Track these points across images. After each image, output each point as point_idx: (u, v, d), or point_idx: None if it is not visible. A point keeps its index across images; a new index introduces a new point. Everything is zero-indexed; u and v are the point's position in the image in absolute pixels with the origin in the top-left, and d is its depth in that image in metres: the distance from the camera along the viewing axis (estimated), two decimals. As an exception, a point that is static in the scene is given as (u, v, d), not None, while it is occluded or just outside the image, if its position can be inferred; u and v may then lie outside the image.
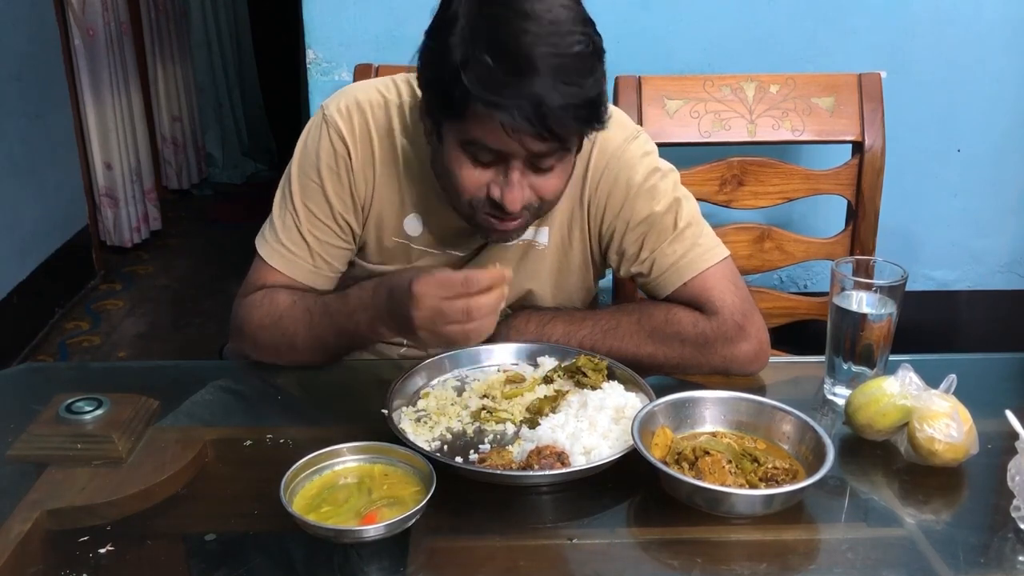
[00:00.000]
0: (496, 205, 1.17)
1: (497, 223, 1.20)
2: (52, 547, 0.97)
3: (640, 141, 1.33)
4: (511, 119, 1.05)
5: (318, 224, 1.30)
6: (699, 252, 1.30)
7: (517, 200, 1.16)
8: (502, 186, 1.15)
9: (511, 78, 1.04)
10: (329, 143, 1.28)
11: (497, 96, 1.05)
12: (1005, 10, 2.19)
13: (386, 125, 1.29)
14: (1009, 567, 0.94)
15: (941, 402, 1.06)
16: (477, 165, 1.15)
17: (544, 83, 1.04)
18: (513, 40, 1.05)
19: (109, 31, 3.54)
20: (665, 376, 1.29)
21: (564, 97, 1.06)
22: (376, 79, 1.36)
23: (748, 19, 2.15)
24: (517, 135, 1.07)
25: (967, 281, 2.46)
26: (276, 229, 1.31)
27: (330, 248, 1.31)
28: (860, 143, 1.83)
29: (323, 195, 1.29)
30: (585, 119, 1.11)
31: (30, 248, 3.10)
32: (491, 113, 1.06)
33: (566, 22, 1.07)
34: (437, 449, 1.09)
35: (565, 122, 1.08)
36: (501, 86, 1.04)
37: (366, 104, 1.30)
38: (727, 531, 0.98)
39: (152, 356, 3.06)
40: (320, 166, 1.29)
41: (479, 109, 1.07)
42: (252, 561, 0.93)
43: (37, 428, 1.12)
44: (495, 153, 1.13)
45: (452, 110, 1.10)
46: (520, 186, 1.15)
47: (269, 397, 1.29)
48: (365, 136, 1.29)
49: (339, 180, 1.29)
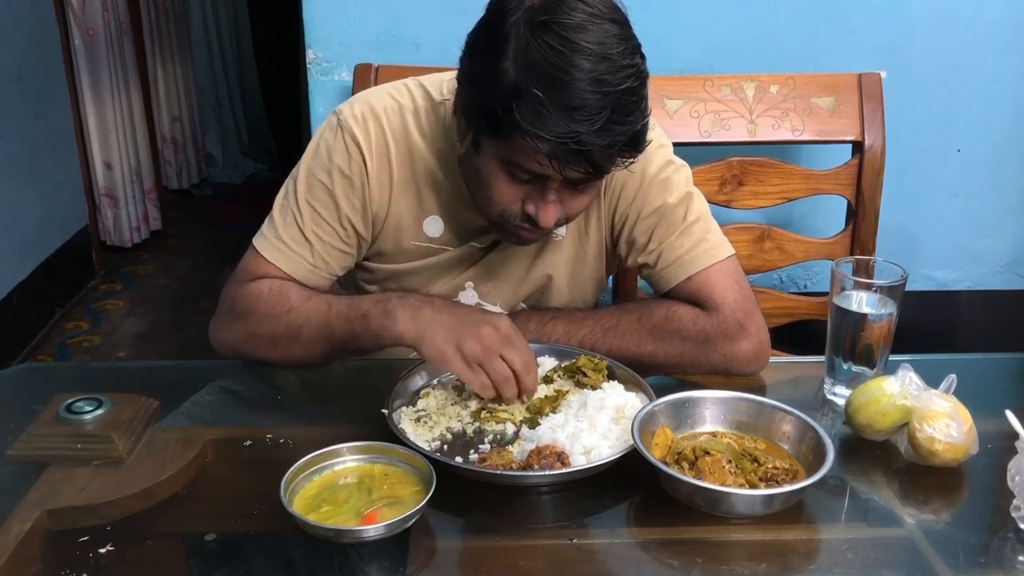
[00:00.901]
0: (529, 219, 1.19)
1: (527, 234, 1.23)
2: (52, 547, 0.97)
3: (656, 133, 1.33)
4: (556, 154, 1.07)
5: (322, 224, 1.29)
6: (706, 248, 1.30)
7: (552, 219, 1.18)
8: (537, 203, 1.17)
9: (560, 116, 1.05)
10: (344, 148, 1.28)
11: (545, 132, 1.05)
12: (1005, 10, 2.18)
13: (402, 130, 1.29)
14: (1009, 567, 0.94)
15: (941, 402, 1.06)
16: (514, 182, 1.17)
17: (593, 124, 1.05)
18: (566, 78, 1.05)
19: (109, 31, 3.54)
20: (665, 376, 1.29)
21: (611, 136, 1.07)
22: (387, 84, 1.35)
23: (748, 19, 2.15)
24: (559, 165, 1.09)
25: (967, 281, 2.46)
26: (276, 226, 1.30)
27: (331, 250, 1.31)
28: (860, 143, 1.83)
29: (331, 197, 1.28)
30: (628, 153, 1.13)
31: (30, 248, 3.10)
32: (536, 145, 1.07)
33: (617, 56, 1.07)
34: (437, 449, 1.09)
35: (609, 158, 1.11)
36: (550, 123, 1.05)
37: (380, 110, 1.29)
38: (727, 531, 0.98)
39: (152, 356, 3.06)
40: (332, 169, 1.28)
41: (525, 140, 1.08)
42: (252, 561, 0.93)
43: (37, 428, 1.12)
44: (534, 176, 1.15)
45: (497, 132, 1.11)
46: (556, 206, 1.18)
47: (269, 397, 1.29)
48: (382, 143, 1.29)
49: (351, 185, 1.28)
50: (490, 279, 1.37)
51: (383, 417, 1.11)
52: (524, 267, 1.36)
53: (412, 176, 1.30)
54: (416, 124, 1.30)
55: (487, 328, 1.13)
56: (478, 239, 1.35)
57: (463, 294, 1.37)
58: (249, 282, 1.29)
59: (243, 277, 1.30)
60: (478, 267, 1.36)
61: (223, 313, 1.31)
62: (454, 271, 1.36)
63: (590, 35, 1.06)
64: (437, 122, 1.29)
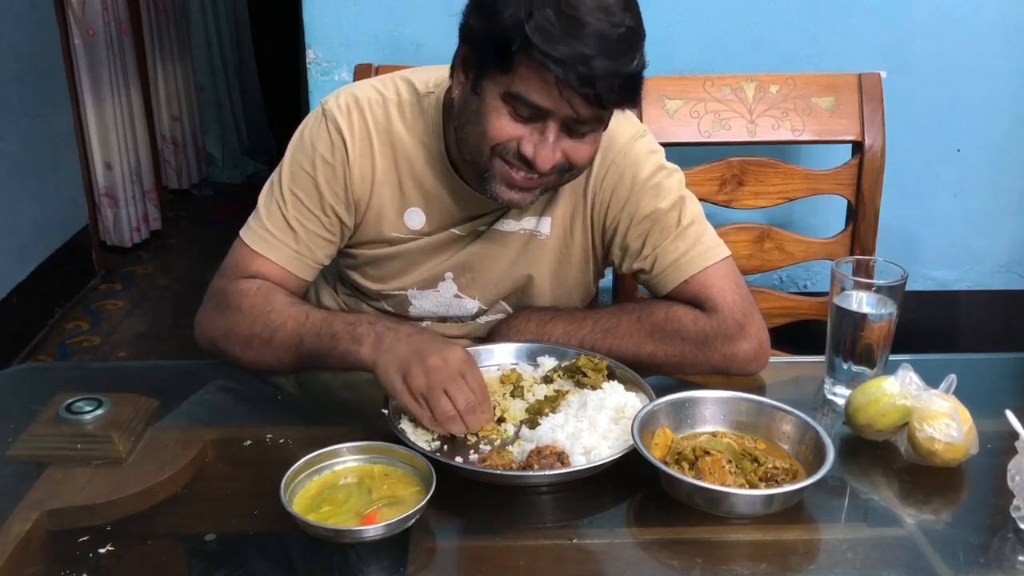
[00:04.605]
0: (523, 160, 1.17)
1: (518, 177, 1.19)
2: (52, 547, 0.97)
3: (647, 140, 1.34)
4: (564, 75, 1.08)
5: (305, 212, 1.29)
6: (701, 250, 1.30)
7: (549, 160, 1.17)
8: (536, 143, 1.16)
9: (569, 38, 1.08)
10: (327, 135, 1.29)
11: (556, 51, 1.08)
12: (1005, 10, 2.18)
13: (385, 122, 1.30)
14: (1009, 567, 0.94)
15: (941, 402, 1.06)
16: (515, 119, 1.16)
17: (598, 48, 1.08)
18: (577, 3, 1.09)
19: (109, 31, 3.53)
20: (665, 376, 1.29)
21: (614, 65, 1.09)
22: (373, 78, 1.36)
23: (748, 19, 2.15)
24: (566, 93, 1.10)
25: (967, 281, 2.46)
26: (261, 216, 1.31)
27: (315, 238, 1.30)
28: (860, 143, 1.83)
29: (314, 185, 1.29)
30: (627, 92, 1.14)
31: (30, 248, 3.10)
32: (546, 66, 1.08)
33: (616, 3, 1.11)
34: (437, 449, 1.09)
35: (611, 88, 1.11)
36: (560, 43, 1.08)
37: (364, 102, 1.30)
38: (727, 531, 0.98)
39: (152, 356, 3.06)
40: (315, 157, 1.29)
41: (534, 62, 1.09)
42: (252, 561, 0.93)
43: (37, 428, 1.12)
44: (536, 110, 1.14)
45: (503, 61, 1.12)
46: (554, 147, 1.17)
47: (269, 397, 1.29)
48: (364, 133, 1.29)
49: (333, 173, 1.29)
50: (470, 271, 1.36)
51: (383, 417, 1.11)
52: (506, 263, 1.36)
53: (394, 167, 1.31)
54: (400, 116, 1.30)
55: (435, 360, 1.10)
56: (459, 226, 1.34)
57: (442, 284, 1.37)
58: (239, 279, 1.29)
59: (231, 271, 1.30)
60: (459, 257, 1.35)
61: (208, 306, 1.31)
62: (434, 259, 1.35)
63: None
64: (421, 115, 1.30)
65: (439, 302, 1.38)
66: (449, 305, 1.38)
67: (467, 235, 1.35)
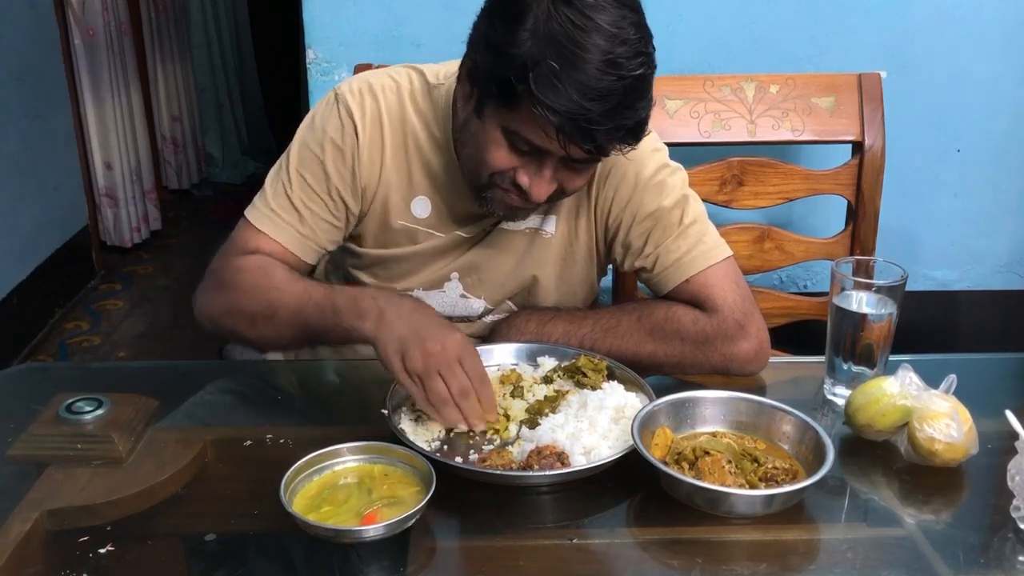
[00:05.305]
0: (519, 188, 1.18)
1: (514, 199, 1.21)
2: (52, 547, 0.97)
3: (651, 138, 1.34)
4: (564, 128, 1.08)
5: (311, 194, 1.29)
6: (703, 250, 1.30)
7: (544, 193, 1.18)
8: (532, 176, 1.17)
9: (574, 91, 1.06)
10: (338, 119, 1.29)
11: (558, 104, 1.06)
12: (1005, 10, 2.18)
13: (398, 108, 1.30)
14: (1009, 567, 0.94)
15: (941, 402, 1.06)
16: (512, 150, 1.16)
17: (604, 104, 1.07)
18: (584, 54, 1.06)
19: (109, 31, 3.53)
20: (665, 376, 1.29)
21: (619, 119, 1.09)
22: (387, 68, 1.36)
23: (748, 19, 2.15)
24: (566, 141, 1.10)
25: (967, 281, 2.46)
26: (267, 196, 1.31)
27: (320, 221, 1.30)
28: (860, 143, 1.83)
29: (322, 168, 1.29)
30: (631, 138, 1.14)
31: (30, 248, 3.09)
32: (546, 116, 1.07)
33: (633, 42, 1.08)
34: (437, 449, 1.09)
35: (613, 140, 1.12)
36: (563, 97, 1.06)
37: (378, 88, 1.30)
38: (727, 531, 0.98)
39: (152, 356, 3.06)
40: (324, 140, 1.29)
41: (535, 110, 1.08)
42: (252, 561, 0.93)
43: (37, 428, 1.12)
44: (534, 148, 1.14)
45: (506, 100, 1.11)
46: (551, 181, 1.18)
47: (269, 397, 1.29)
48: (376, 119, 1.29)
49: (342, 157, 1.29)
50: (475, 272, 1.36)
51: (383, 417, 1.11)
52: (511, 263, 1.36)
53: (404, 154, 1.31)
54: (413, 104, 1.30)
55: (434, 344, 1.10)
56: (464, 228, 1.34)
57: (448, 284, 1.37)
58: (239, 255, 1.28)
59: (233, 249, 1.30)
60: (464, 258, 1.36)
61: (208, 283, 1.31)
62: (440, 260, 1.36)
63: (609, 16, 1.07)
64: (432, 105, 1.30)
65: (445, 302, 1.38)
66: (455, 305, 1.38)
67: (473, 236, 1.35)
